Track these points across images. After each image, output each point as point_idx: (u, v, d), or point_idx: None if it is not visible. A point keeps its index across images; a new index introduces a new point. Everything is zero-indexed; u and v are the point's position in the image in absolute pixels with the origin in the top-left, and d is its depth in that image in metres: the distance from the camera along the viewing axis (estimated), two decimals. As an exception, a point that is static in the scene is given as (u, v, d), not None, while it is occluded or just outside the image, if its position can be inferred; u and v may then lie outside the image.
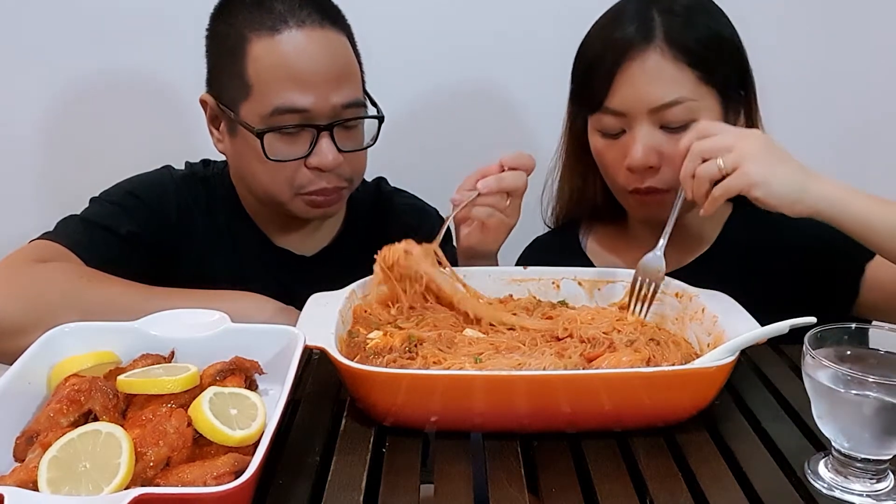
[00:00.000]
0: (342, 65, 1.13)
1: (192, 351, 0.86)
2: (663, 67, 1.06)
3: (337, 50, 1.13)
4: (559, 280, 1.09)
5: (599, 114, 1.12)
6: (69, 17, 1.59)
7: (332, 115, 1.12)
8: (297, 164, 1.13)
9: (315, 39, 1.10)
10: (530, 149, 1.11)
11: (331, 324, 0.89)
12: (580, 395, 0.80)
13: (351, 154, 1.16)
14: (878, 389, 0.70)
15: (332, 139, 1.12)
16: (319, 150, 1.12)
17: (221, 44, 1.14)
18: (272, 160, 1.11)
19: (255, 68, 1.10)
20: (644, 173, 1.10)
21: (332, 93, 1.11)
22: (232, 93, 1.13)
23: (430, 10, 1.62)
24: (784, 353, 1.02)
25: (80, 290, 1.03)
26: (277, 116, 1.10)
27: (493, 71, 1.65)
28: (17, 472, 0.66)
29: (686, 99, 1.07)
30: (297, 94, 1.09)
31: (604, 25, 1.14)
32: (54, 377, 0.81)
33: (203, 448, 0.72)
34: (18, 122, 1.64)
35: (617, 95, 1.08)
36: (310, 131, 1.11)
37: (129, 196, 1.21)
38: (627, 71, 1.07)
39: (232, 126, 1.16)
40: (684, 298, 1.01)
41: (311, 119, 1.11)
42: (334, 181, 1.15)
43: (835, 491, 0.74)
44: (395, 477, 0.76)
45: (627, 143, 1.10)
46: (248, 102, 1.11)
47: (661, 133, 1.09)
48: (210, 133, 1.21)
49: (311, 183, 1.14)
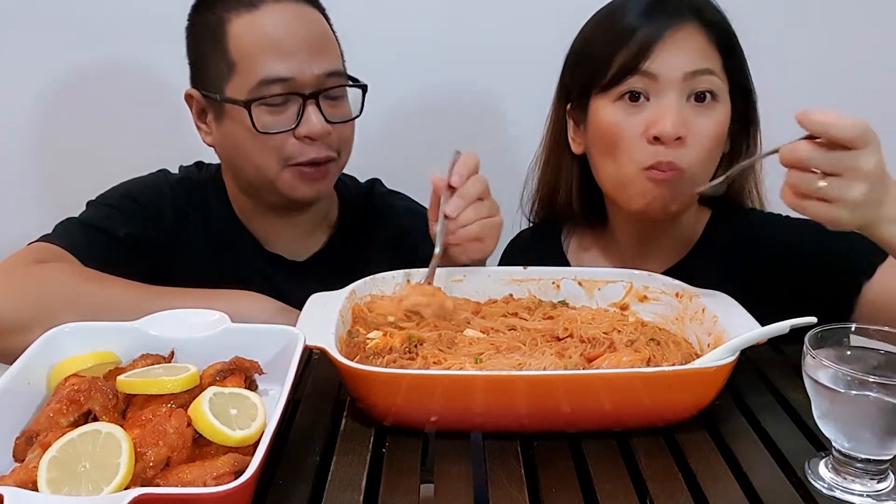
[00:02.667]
0: (320, 35, 1.16)
1: (192, 351, 0.86)
2: (699, 41, 1.08)
3: (313, 22, 1.16)
4: (559, 280, 1.09)
5: (626, 79, 1.08)
6: (64, 18, 1.59)
7: (316, 86, 1.14)
8: (285, 136, 1.14)
9: (292, 11, 1.14)
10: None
11: (331, 324, 0.89)
12: (580, 395, 0.80)
13: (339, 125, 1.17)
14: (879, 389, 0.70)
15: (319, 109, 1.14)
16: (307, 119, 1.13)
17: (202, 31, 1.17)
18: (261, 132, 1.12)
19: (237, 45, 1.12)
20: (669, 146, 1.06)
21: (314, 61, 1.13)
22: (216, 76, 1.15)
23: (421, 12, 1.62)
24: (784, 353, 1.02)
25: (80, 290, 1.03)
26: (263, 87, 1.11)
27: (483, 71, 1.65)
28: (16, 473, 0.66)
29: (716, 73, 1.08)
30: (280, 63, 1.11)
31: (619, 12, 1.12)
32: (54, 377, 0.81)
33: (203, 448, 0.72)
34: (13, 124, 1.64)
35: (657, 59, 1.06)
36: (296, 101, 1.13)
37: (126, 199, 1.22)
38: (666, 41, 1.06)
39: (219, 111, 1.17)
40: (684, 298, 1.01)
41: (296, 88, 1.12)
42: (323, 151, 1.16)
43: (835, 491, 0.74)
44: (394, 477, 0.76)
45: (653, 112, 1.07)
46: (234, 80, 1.13)
47: (688, 105, 1.07)
48: (198, 129, 1.22)
49: (300, 153, 1.15)
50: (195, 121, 1.22)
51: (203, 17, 1.17)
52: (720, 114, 1.09)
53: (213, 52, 1.14)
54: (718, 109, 1.09)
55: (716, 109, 1.08)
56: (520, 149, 1.10)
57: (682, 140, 1.06)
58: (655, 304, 1.04)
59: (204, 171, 1.32)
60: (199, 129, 1.22)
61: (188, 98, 1.21)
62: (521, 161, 1.33)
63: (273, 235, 1.28)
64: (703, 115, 1.07)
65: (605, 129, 1.10)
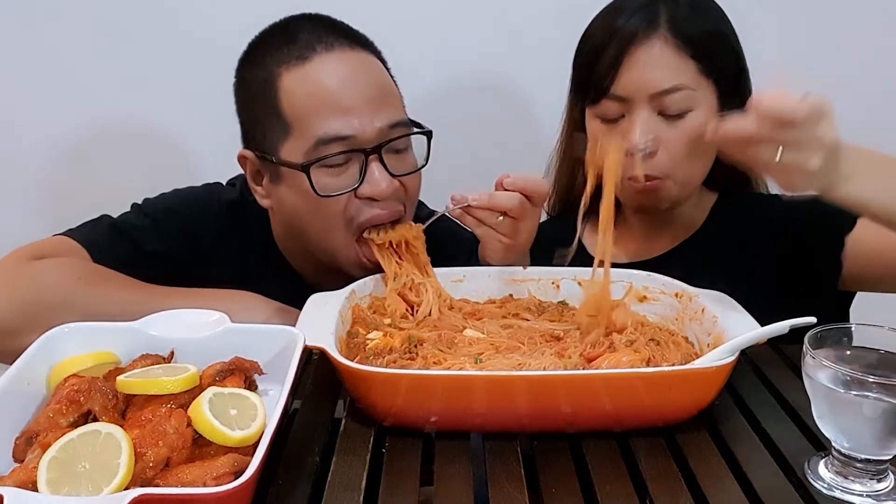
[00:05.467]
0: (379, 84, 1.07)
1: (192, 351, 0.85)
2: (666, 55, 1.10)
3: (371, 70, 1.07)
4: (559, 280, 1.09)
5: (602, 100, 1.13)
6: (80, 27, 1.59)
7: (378, 139, 1.04)
8: (347, 197, 1.05)
9: (347, 61, 1.05)
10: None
11: (331, 324, 0.89)
12: (580, 396, 0.80)
13: (404, 178, 1.08)
14: (879, 389, 0.70)
15: (383, 164, 1.05)
16: (371, 178, 1.03)
17: (252, 88, 1.09)
18: (321, 195, 1.03)
19: (290, 102, 1.04)
20: (642, 160, 1.11)
21: (375, 114, 1.04)
22: (270, 136, 1.07)
23: (437, 9, 1.62)
24: (784, 353, 1.02)
25: (77, 292, 1.02)
26: (321, 147, 1.02)
27: (499, 67, 1.66)
28: (16, 473, 0.66)
29: (686, 87, 1.10)
30: (339, 121, 1.02)
31: (607, 15, 1.16)
32: (54, 377, 0.81)
33: (203, 448, 0.72)
34: (30, 132, 1.65)
35: (621, 81, 1.11)
36: (357, 158, 1.04)
37: (168, 214, 1.18)
38: (632, 57, 1.10)
39: (275, 174, 1.09)
40: (684, 298, 1.01)
41: (357, 145, 1.03)
42: (390, 206, 1.07)
43: (835, 491, 0.74)
44: (394, 477, 0.76)
45: (626, 128, 1.12)
46: (289, 141, 1.05)
47: (659, 119, 1.12)
48: (253, 191, 1.15)
49: (363, 213, 1.06)
50: (250, 183, 1.14)
51: (252, 73, 1.09)
52: (695, 120, 1.12)
53: (265, 108, 1.06)
54: (692, 118, 1.12)
55: (688, 119, 1.12)
56: (541, 142, 1.11)
57: (652, 154, 1.11)
58: (655, 304, 1.04)
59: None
60: (255, 192, 1.14)
61: (241, 159, 1.13)
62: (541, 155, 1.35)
63: (314, 272, 1.20)
64: (674, 127, 1.12)
65: (592, 139, 1.17)
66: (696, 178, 1.17)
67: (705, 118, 1.12)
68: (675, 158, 1.12)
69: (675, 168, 1.13)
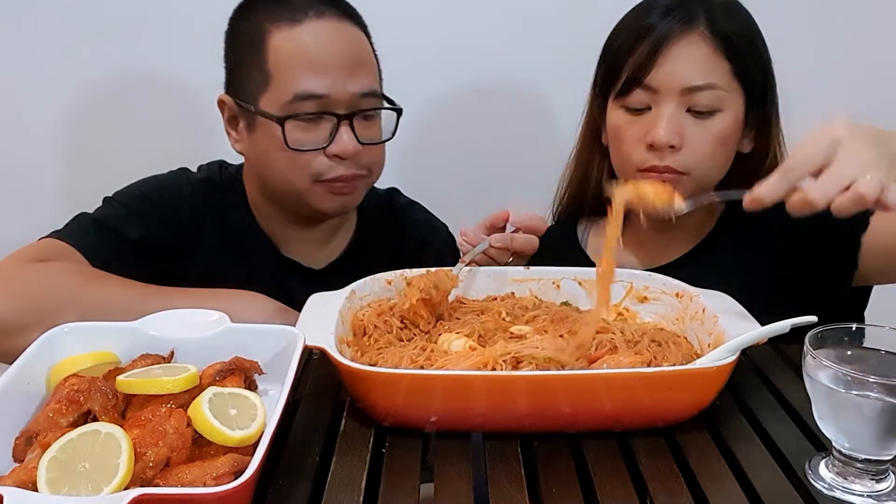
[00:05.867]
0: (358, 54, 1.16)
1: (192, 351, 0.85)
2: (703, 52, 1.11)
3: (354, 40, 1.16)
4: (559, 280, 1.09)
5: (632, 90, 1.14)
6: (86, 18, 1.59)
7: (351, 105, 1.14)
8: (315, 153, 1.14)
9: (333, 29, 1.14)
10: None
11: (331, 324, 0.89)
12: (580, 396, 0.80)
13: (370, 146, 1.17)
14: (879, 390, 0.70)
15: (352, 129, 1.14)
16: (339, 139, 1.13)
17: (241, 39, 1.16)
18: (292, 149, 1.12)
19: (275, 58, 1.12)
20: (663, 152, 1.12)
21: (349, 80, 1.13)
22: (251, 86, 1.14)
23: (441, 10, 1.63)
24: (784, 353, 1.02)
25: (79, 290, 1.03)
26: (297, 103, 1.11)
27: (504, 70, 1.66)
28: (16, 473, 0.66)
29: (717, 87, 1.11)
30: (316, 80, 1.11)
31: (641, 12, 1.17)
32: (53, 377, 0.81)
33: (202, 448, 0.72)
34: (36, 122, 1.65)
35: (655, 73, 1.12)
36: (329, 120, 1.13)
37: (142, 200, 1.22)
38: (669, 51, 1.11)
39: (251, 121, 1.16)
40: (685, 298, 1.01)
41: (330, 107, 1.12)
42: (353, 168, 1.16)
43: (835, 491, 0.74)
44: (394, 477, 0.76)
45: (651, 120, 1.13)
46: (269, 92, 1.13)
47: (686, 115, 1.12)
48: (227, 134, 1.22)
49: (330, 170, 1.15)
50: (225, 126, 1.22)
51: (244, 25, 1.17)
52: (722, 123, 1.13)
53: (251, 60, 1.14)
54: (719, 119, 1.13)
55: (715, 119, 1.13)
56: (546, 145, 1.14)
57: (676, 148, 1.12)
58: (655, 305, 1.04)
59: (225, 172, 1.31)
60: (229, 135, 1.22)
61: (220, 103, 1.20)
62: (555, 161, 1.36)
63: (291, 242, 1.28)
64: (702, 126, 1.12)
65: (614, 131, 1.19)
66: (713, 179, 1.17)
67: (732, 121, 1.14)
68: (698, 156, 1.12)
69: (695, 166, 1.13)
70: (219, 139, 1.25)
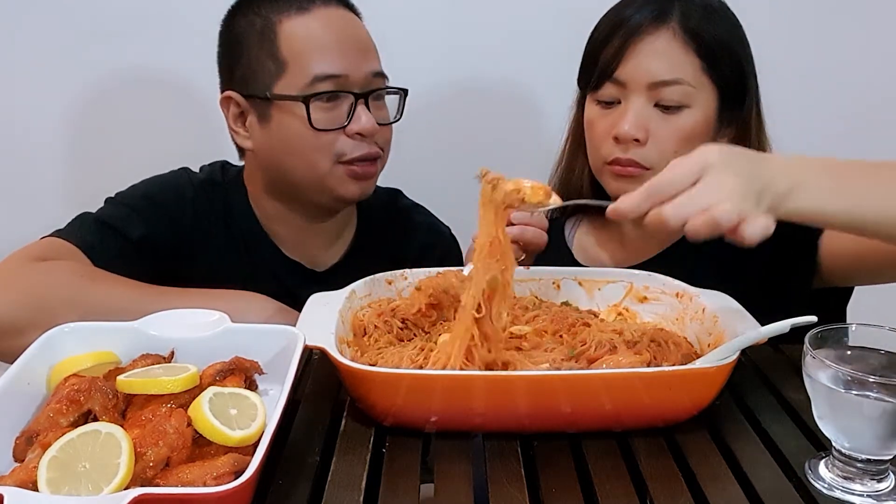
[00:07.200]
0: (365, 39, 1.21)
1: (192, 351, 0.85)
2: (672, 47, 1.12)
3: (359, 27, 1.21)
4: (559, 280, 1.09)
5: (603, 84, 1.15)
6: (86, 18, 1.60)
7: (365, 84, 1.17)
8: (337, 133, 1.16)
9: (340, 15, 1.18)
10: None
11: (331, 324, 0.89)
12: (580, 396, 0.80)
13: (382, 126, 1.20)
14: (879, 390, 0.70)
15: (368, 108, 1.17)
16: (358, 118, 1.16)
17: (246, 33, 1.17)
18: (316, 129, 1.14)
19: (289, 44, 1.14)
20: (628, 145, 1.13)
21: (362, 61, 1.17)
22: (264, 76, 1.16)
23: (439, 9, 1.63)
24: (784, 353, 1.02)
25: (80, 290, 1.03)
26: (316, 84, 1.14)
27: (500, 69, 1.66)
28: (16, 473, 0.66)
29: (685, 82, 1.12)
30: (332, 61, 1.14)
31: (620, 7, 1.17)
32: (54, 377, 0.81)
33: (203, 448, 0.72)
34: (38, 123, 1.65)
35: (623, 67, 1.13)
36: (346, 100, 1.16)
37: (145, 200, 1.22)
38: (638, 45, 1.12)
39: (264, 112, 1.17)
40: (684, 298, 1.01)
41: (347, 86, 1.15)
42: (373, 147, 1.19)
43: (835, 491, 0.74)
44: (394, 477, 0.76)
45: (619, 114, 1.14)
46: (285, 78, 1.15)
47: (654, 110, 1.13)
48: (233, 133, 1.22)
49: (353, 149, 1.17)
50: (230, 125, 1.21)
51: (247, 20, 1.18)
52: (689, 119, 1.13)
53: (260, 52, 1.15)
54: (687, 115, 1.13)
55: (682, 115, 1.13)
56: (542, 145, 1.14)
57: (641, 142, 1.13)
58: (655, 305, 1.04)
59: (226, 172, 1.31)
60: (236, 134, 1.22)
61: (225, 102, 1.20)
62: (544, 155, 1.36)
63: (294, 242, 1.28)
64: (668, 121, 1.13)
65: (587, 124, 1.21)
66: None
67: (702, 118, 1.14)
68: (663, 151, 1.12)
69: (659, 161, 1.12)
70: (220, 139, 1.25)
